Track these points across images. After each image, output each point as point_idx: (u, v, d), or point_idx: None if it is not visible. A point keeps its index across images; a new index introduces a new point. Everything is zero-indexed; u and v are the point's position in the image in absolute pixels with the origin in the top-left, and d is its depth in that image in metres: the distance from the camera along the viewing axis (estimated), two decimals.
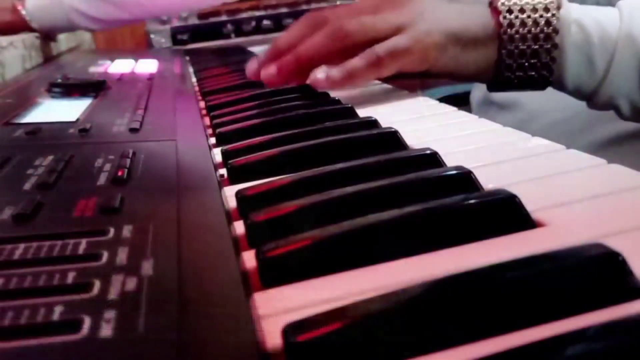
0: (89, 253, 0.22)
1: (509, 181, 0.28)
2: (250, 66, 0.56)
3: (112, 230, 0.24)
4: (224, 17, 1.24)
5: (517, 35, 0.45)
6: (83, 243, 0.23)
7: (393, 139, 0.36)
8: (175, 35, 1.21)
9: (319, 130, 0.39)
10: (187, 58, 0.99)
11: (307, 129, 0.39)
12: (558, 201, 0.26)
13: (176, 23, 1.23)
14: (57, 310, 0.18)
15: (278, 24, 1.23)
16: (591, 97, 0.48)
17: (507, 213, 0.24)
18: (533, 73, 0.46)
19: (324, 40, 0.49)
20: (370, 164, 0.30)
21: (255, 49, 1.06)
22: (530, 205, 0.24)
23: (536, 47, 0.45)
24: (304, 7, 1.27)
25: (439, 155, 0.31)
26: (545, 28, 0.45)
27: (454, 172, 0.28)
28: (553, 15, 0.45)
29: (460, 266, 0.19)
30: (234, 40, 1.21)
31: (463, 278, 0.18)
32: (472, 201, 0.24)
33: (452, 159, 0.31)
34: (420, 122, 0.43)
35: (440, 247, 0.22)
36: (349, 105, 0.46)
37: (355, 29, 0.48)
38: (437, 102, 0.49)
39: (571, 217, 0.24)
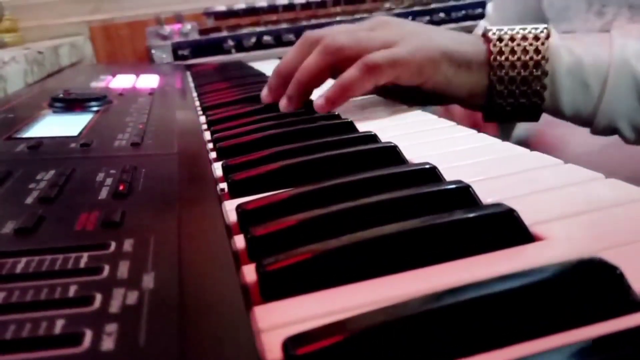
0: (91, 267, 0.22)
1: (507, 195, 0.28)
2: (263, 93, 0.58)
3: (113, 244, 0.24)
4: (224, 33, 1.25)
5: (506, 62, 0.46)
6: (84, 257, 0.23)
7: (392, 153, 0.36)
8: (177, 51, 1.21)
9: (319, 145, 0.39)
10: (188, 73, 1.00)
11: (307, 144, 0.39)
12: (556, 215, 0.26)
13: (177, 39, 1.24)
14: (59, 324, 0.18)
15: (278, 40, 1.24)
16: (591, 122, 0.48)
17: (505, 227, 0.24)
18: (524, 100, 0.47)
19: (318, 57, 0.50)
20: (369, 178, 0.31)
21: (255, 65, 1.06)
22: (529, 219, 0.24)
23: (526, 74, 0.46)
24: (304, 22, 1.28)
25: (438, 170, 0.31)
26: (534, 55, 0.46)
27: (453, 186, 0.28)
28: (542, 43, 0.46)
29: (460, 280, 0.19)
30: (235, 56, 1.21)
31: (462, 291, 0.18)
32: (470, 215, 0.24)
33: (451, 173, 0.31)
34: (420, 137, 0.43)
35: (439, 261, 0.22)
36: (349, 120, 0.46)
37: (347, 41, 0.49)
38: (436, 116, 0.50)
39: (569, 231, 0.24)
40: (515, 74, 0.46)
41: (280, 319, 0.20)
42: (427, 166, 0.32)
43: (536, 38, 0.46)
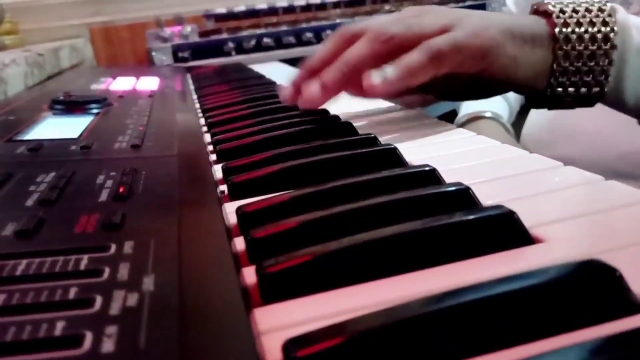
0: (91, 269, 0.22)
1: (507, 197, 0.28)
2: (284, 92, 0.50)
3: (113, 246, 0.24)
4: (224, 35, 1.25)
5: (573, 35, 0.42)
6: (85, 259, 0.23)
7: (392, 155, 0.36)
8: (177, 53, 1.21)
9: (319, 147, 0.39)
10: (188, 75, 1.00)
11: (307, 146, 0.39)
12: (556, 217, 0.26)
13: (177, 41, 1.24)
14: (59, 326, 0.18)
15: (278, 42, 1.24)
16: None
17: (505, 229, 0.24)
18: (589, 79, 0.42)
19: (367, 45, 0.43)
20: (369, 180, 0.31)
21: (255, 67, 1.06)
22: (529, 221, 0.24)
23: (594, 47, 0.42)
24: (304, 25, 1.28)
25: (438, 172, 0.31)
26: (602, 27, 0.42)
27: (453, 188, 0.28)
28: (609, 15, 0.42)
29: (459, 282, 0.19)
30: (235, 58, 1.21)
31: (462, 293, 0.18)
32: (470, 217, 0.24)
33: (450, 175, 0.31)
34: (420, 139, 0.43)
35: (439, 263, 0.22)
36: (349, 122, 0.46)
37: (398, 29, 0.43)
38: (436, 119, 0.50)
39: (569, 233, 0.24)
40: (583, 47, 0.42)
41: (281, 321, 0.20)
42: (427, 168, 0.32)
43: (601, 10, 0.42)
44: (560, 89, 0.44)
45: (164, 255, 0.24)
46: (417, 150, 0.39)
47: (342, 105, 0.56)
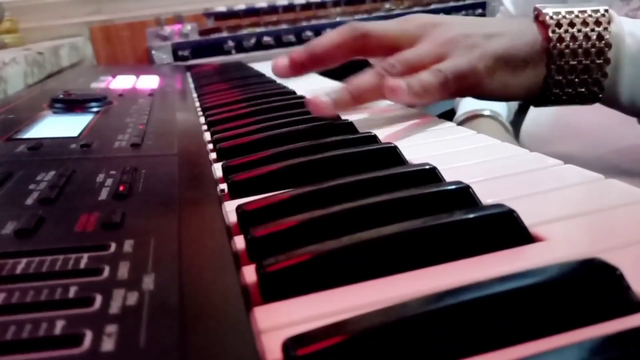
0: (91, 268, 0.22)
1: (507, 196, 0.28)
2: (278, 63, 0.51)
3: (113, 245, 0.24)
4: (224, 34, 1.25)
5: (567, 50, 0.43)
6: (85, 258, 0.23)
7: (392, 154, 0.36)
8: (177, 52, 1.21)
9: (319, 146, 0.39)
10: (188, 74, 1.00)
11: (307, 144, 0.39)
12: (556, 216, 0.26)
13: (177, 39, 1.24)
14: (59, 325, 0.18)
15: (278, 40, 1.24)
16: None
17: (505, 228, 0.24)
18: (583, 89, 0.44)
19: (375, 76, 0.45)
20: (369, 179, 0.31)
21: (255, 65, 1.06)
22: (529, 220, 0.24)
23: (587, 62, 0.43)
24: (304, 23, 1.28)
25: (438, 170, 0.31)
26: (597, 42, 0.42)
27: (453, 187, 0.28)
28: (605, 29, 0.43)
29: (459, 280, 0.19)
30: (235, 57, 1.21)
31: (462, 292, 0.18)
32: (470, 216, 0.24)
33: (450, 174, 0.31)
34: (420, 138, 0.43)
35: (439, 262, 0.22)
36: (349, 121, 0.46)
37: (402, 66, 0.45)
38: (436, 117, 0.50)
39: (569, 232, 0.24)
40: (576, 62, 0.43)
41: (281, 320, 0.20)
42: (427, 167, 0.32)
43: (597, 23, 0.43)
44: (553, 98, 0.45)
45: (164, 254, 0.24)
46: (417, 149, 0.39)
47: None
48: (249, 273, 0.23)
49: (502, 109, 0.79)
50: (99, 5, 1.37)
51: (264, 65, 1.05)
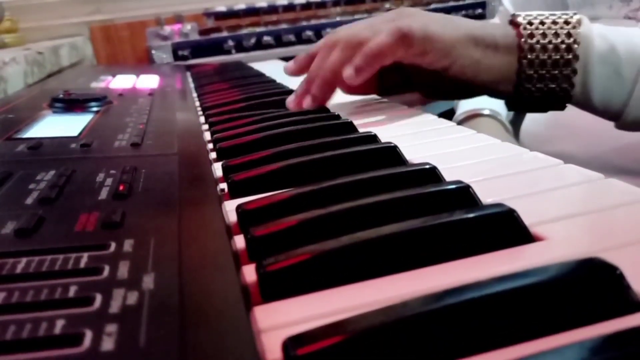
0: (91, 267, 0.22)
1: (507, 195, 0.28)
2: (291, 104, 0.56)
3: (113, 245, 0.24)
4: (224, 34, 1.25)
5: (537, 45, 0.45)
6: (84, 257, 0.23)
7: (392, 153, 0.36)
8: (177, 51, 1.21)
9: (319, 145, 0.39)
10: (188, 73, 1.00)
11: (307, 144, 0.39)
12: (556, 215, 0.26)
13: (177, 39, 1.24)
14: (59, 324, 0.18)
15: (278, 40, 1.24)
16: (620, 114, 0.46)
17: (505, 227, 0.24)
18: (553, 85, 0.45)
19: (340, 53, 0.49)
20: (369, 178, 0.31)
21: (255, 65, 1.06)
22: (529, 219, 0.24)
23: (557, 57, 0.45)
24: (304, 23, 1.28)
25: (438, 170, 0.31)
26: (566, 39, 0.44)
27: (453, 186, 0.28)
28: (574, 27, 0.45)
29: (459, 280, 0.19)
30: (235, 56, 1.21)
31: (462, 292, 0.18)
32: (470, 215, 0.24)
33: (451, 173, 0.31)
34: (420, 137, 0.43)
35: (439, 262, 0.22)
36: (349, 120, 0.46)
37: (369, 33, 0.48)
38: (436, 117, 0.50)
39: (569, 231, 0.24)
40: (546, 57, 0.45)
41: (280, 319, 0.20)
42: (427, 166, 0.32)
43: (567, 22, 0.45)
44: (527, 94, 0.47)
45: (164, 253, 0.24)
46: (417, 148, 0.39)
47: (342, 104, 0.56)
48: (249, 272, 0.23)
49: (502, 108, 0.79)
50: (98, 4, 1.37)
51: (264, 65, 1.06)
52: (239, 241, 0.26)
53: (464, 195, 0.27)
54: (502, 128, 0.75)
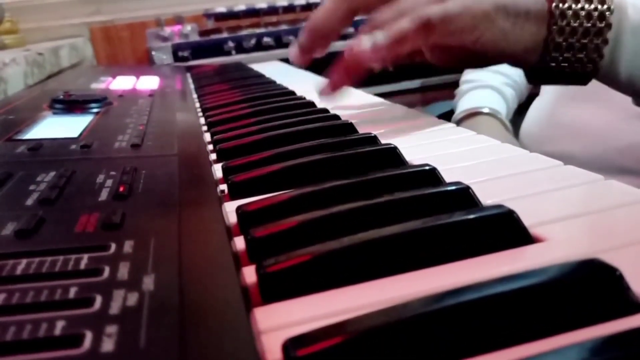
0: (91, 268, 0.22)
1: (507, 197, 0.28)
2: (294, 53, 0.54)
3: (113, 246, 0.24)
4: (224, 35, 1.25)
5: (569, 11, 0.43)
6: (85, 258, 0.23)
7: (392, 154, 0.36)
8: (177, 52, 1.21)
9: (319, 146, 0.39)
10: (188, 74, 1.00)
11: (307, 145, 0.39)
12: (556, 217, 0.26)
13: (177, 40, 1.24)
14: (59, 325, 0.18)
15: (278, 41, 1.24)
16: None
17: (505, 228, 0.24)
18: (582, 55, 0.43)
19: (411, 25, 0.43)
20: (369, 179, 0.31)
21: (255, 66, 1.06)
22: (529, 220, 0.24)
23: (588, 25, 0.42)
24: (304, 24, 1.28)
25: (438, 171, 0.31)
26: (599, 5, 0.42)
27: (453, 187, 0.28)
28: None
29: (459, 281, 0.19)
30: (235, 57, 1.21)
31: (462, 293, 0.18)
32: (470, 217, 0.24)
33: (450, 174, 0.31)
34: (420, 138, 0.43)
35: (439, 263, 0.22)
36: (349, 122, 0.46)
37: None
38: (435, 118, 0.50)
39: (569, 233, 0.24)
40: (578, 24, 0.42)
41: (281, 321, 0.20)
42: (427, 167, 0.32)
43: None
44: (553, 64, 0.44)
45: (164, 254, 0.24)
46: (417, 150, 0.39)
47: (342, 105, 0.56)
48: (249, 274, 0.23)
49: (501, 107, 0.79)
50: (99, 5, 1.37)
51: (264, 66, 1.06)
52: (239, 242, 0.26)
53: (463, 196, 0.27)
54: (501, 126, 0.75)
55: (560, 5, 0.43)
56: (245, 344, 0.18)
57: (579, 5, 0.42)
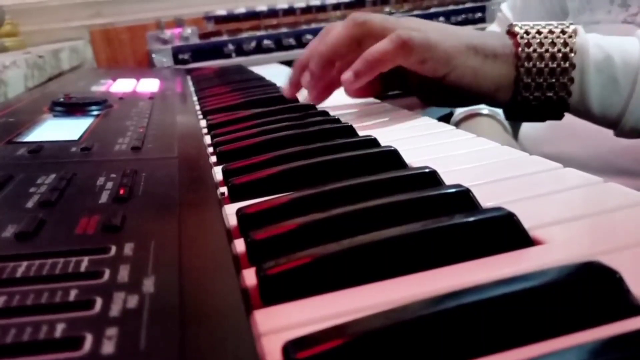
0: (91, 271, 0.22)
1: (507, 199, 0.28)
2: (286, 89, 0.60)
3: (113, 248, 0.24)
4: (225, 37, 1.25)
5: (534, 54, 0.46)
6: (85, 261, 0.23)
7: (392, 157, 0.36)
8: (177, 55, 1.21)
9: (319, 149, 0.39)
10: (188, 77, 1.00)
11: (307, 148, 0.39)
12: (555, 219, 0.26)
13: (178, 43, 1.24)
14: (59, 328, 0.18)
15: (279, 44, 1.24)
16: (618, 122, 0.47)
17: (505, 231, 0.24)
18: (551, 94, 0.46)
19: (343, 30, 0.50)
20: (369, 182, 0.31)
21: (256, 69, 1.07)
22: (528, 223, 0.24)
23: (554, 65, 0.45)
24: (304, 27, 1.28)
25: (438, 174, 0.31)
26: (562, 48, 0.45)
27: (453, 190, 0.28)
28: (570, 37, 0.46)
29: (459, 283, 0.19)
30: (235, 60, 1.21)
31: (461, 295, 0.18)
32: (470, 219, 0.24)
33: (450, 177, 0.31)
34: (420, 141, 0.43)
35: (439, 265, 0.22)
36: (349, 124, 0.46)
37: (377, 19, 0.49)
38: (436, 120, 0.50)
39: (568, 235, 0.24)
40: (543, 65, 0.46)
41: (281, 323, 0.20)
42: (427, 170, 0.32)
43: (563, 32, 0.46)
44: (524, 103, 0.47)
45: (164, 257, 0.24)
46: (417, 152, 0.39)
47: (342, 107, 0.57)
48: (249, 276, 0.23)
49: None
50: (99, 8, 1.37)
51: (264, 69, 1.06)
52: (239, 245, 0.26)
53: (463, 198, 0.27)
54: (500, 127, 0.75)
55: (526, 49, 0.46)
56: (245, 347, 0.18)
57: (544, 48, 0.46)
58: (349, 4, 1.34)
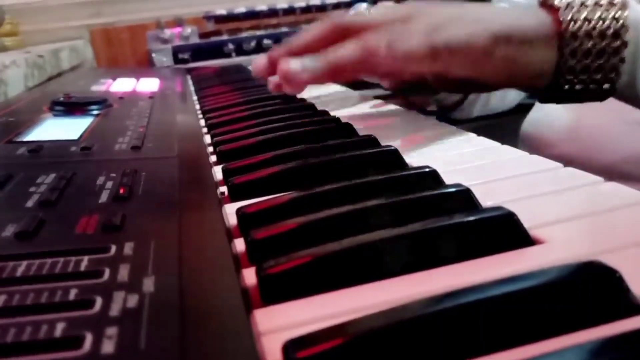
0: (91, 270, 0.22)
1: (507, 198, 0.28)
2: (257, 62, 0.51)
3: (113, 248, 0.24)
4: (225, 37, 1.26)
5: (580, 32, 0.39)
6: (85, 260, 0.23)
7: (393, 156, 0.36)
8: (177, 54, 1.22)
9: (319, 148, 0.39)
10: (188, 77, 1.00)
11: (307, 147, 0.39)
12: (556, 218, 0.26)
13: (178, 42, 1.24)
14: (59, 327, 0.18)
15: (279, 43, 1.24)
16: None
17: (505, 230, 0.24)
18: (598, 77, 0.40)
19: (357, 53, 0.41)
20: (369, 182, 0.31)
21: None
22: (529, 222, 0.24)
23: (603, 45, 0.39)
24: (305, 26, 1.28)
25: (438, 173, 0.31)
26: (612, 23, 0.39)
27: (453, 189, 0.28)
28: (620, 9, 0.39)
29: (459, 283, 0.19)
30: (235, 59, 1.21)
31: (461, 294, 0.18)
32: (470, 218, 0.24)
33: (451, 176, 0.31)
34: (419, 140, 0.43)
35: (439, 264, 0.22)
36: (349, 124, 0.46)
37: (386, 43, 0.40)
38: (435, 120, 0.50)
39: (569, 235, 0.24)
40: (591, 45, 0.39)
41: (281, 322, 0.20)
42: (427, 169, 0.32)
43: (611, 4, 0.39)
44: (567, 86, 0.41)
45: (164, 256, 0.24)
46: (417, 152, 0.39)
47: (342, 108, 0.57)
48: (249, 275, 0.23)
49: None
50: (99, 8, 1.37)
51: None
52: (239, 244, 0.26)
53: (464, 198, 0.27)
54: None
55: (571, 26, 0.39)
56: (245, 346, 0.18)
57: (591, 25, 0.39)
58: (349, 3, 1.34)
